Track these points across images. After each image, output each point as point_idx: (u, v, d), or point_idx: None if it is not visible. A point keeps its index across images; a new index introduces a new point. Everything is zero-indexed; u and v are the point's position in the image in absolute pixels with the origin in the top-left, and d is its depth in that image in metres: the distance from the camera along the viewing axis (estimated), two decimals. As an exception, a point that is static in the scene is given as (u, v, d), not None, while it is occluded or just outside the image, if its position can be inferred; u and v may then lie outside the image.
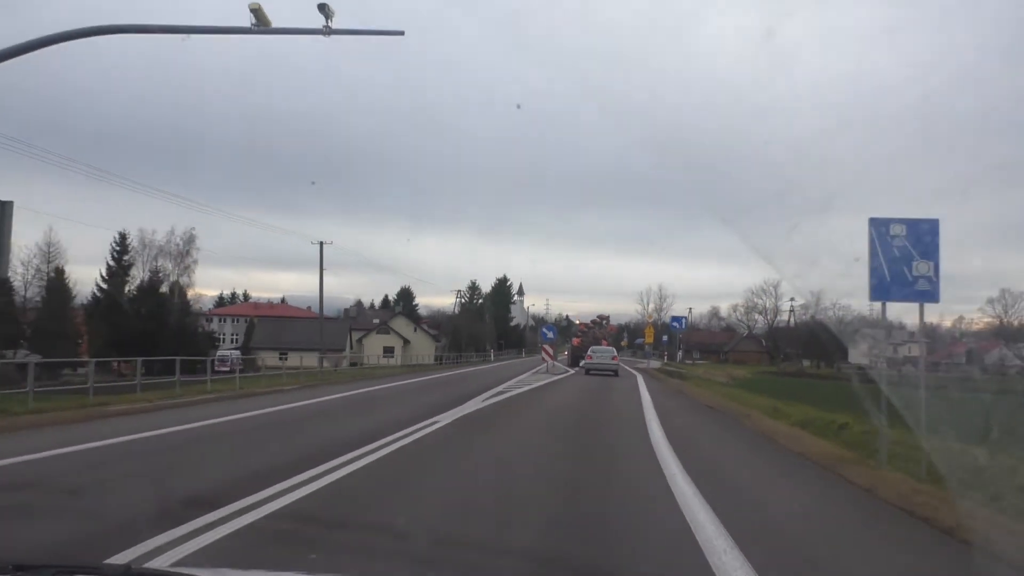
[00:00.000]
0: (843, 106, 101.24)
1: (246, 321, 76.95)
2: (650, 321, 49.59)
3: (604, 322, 58.68)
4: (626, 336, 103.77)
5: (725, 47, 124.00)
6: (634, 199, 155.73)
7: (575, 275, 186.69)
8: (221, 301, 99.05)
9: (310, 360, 43.10)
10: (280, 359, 38.47)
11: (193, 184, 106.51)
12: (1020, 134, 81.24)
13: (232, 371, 41.36)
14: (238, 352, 49.14)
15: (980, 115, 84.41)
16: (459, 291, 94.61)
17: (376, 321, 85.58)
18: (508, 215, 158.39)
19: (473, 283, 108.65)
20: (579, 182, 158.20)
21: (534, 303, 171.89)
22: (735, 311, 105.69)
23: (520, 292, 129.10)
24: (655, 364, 55.11)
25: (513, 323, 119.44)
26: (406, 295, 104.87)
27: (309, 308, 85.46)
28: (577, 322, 67.70)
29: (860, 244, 8.87)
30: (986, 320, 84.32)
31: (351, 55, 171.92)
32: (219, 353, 45.21)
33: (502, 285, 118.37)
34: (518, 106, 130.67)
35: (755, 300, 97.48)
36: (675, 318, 57.64)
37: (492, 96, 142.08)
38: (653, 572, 4.89)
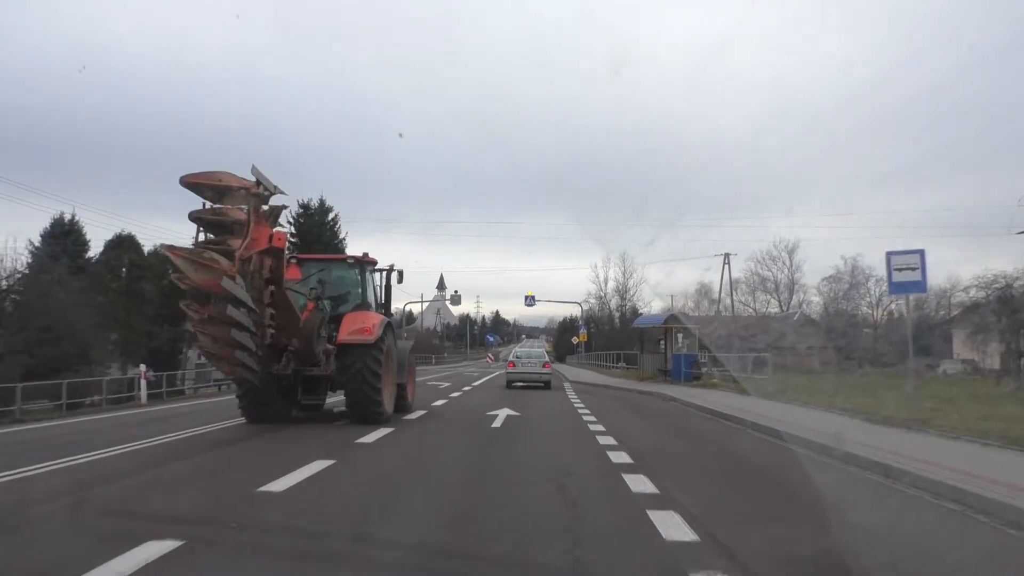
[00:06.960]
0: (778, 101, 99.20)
1: None
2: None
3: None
4: (582, 327, 61.79)
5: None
6: (576, 199, 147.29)
7: (512, 277, 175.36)
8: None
9: None
10: None
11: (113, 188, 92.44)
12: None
13: None
14: None
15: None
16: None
17: None
18: (443, 217, 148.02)
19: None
20: (514, 181, 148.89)
21: (468, 306, 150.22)
22: (735, 290, 62.07)
23: (441, 286, 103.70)
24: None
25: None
26: (67, 234, 33.58)
27: None
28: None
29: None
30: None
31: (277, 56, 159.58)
32: None
33: (314, 215, 42.61)
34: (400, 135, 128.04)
35: (764, 272, 59.77)
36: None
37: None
38: None
